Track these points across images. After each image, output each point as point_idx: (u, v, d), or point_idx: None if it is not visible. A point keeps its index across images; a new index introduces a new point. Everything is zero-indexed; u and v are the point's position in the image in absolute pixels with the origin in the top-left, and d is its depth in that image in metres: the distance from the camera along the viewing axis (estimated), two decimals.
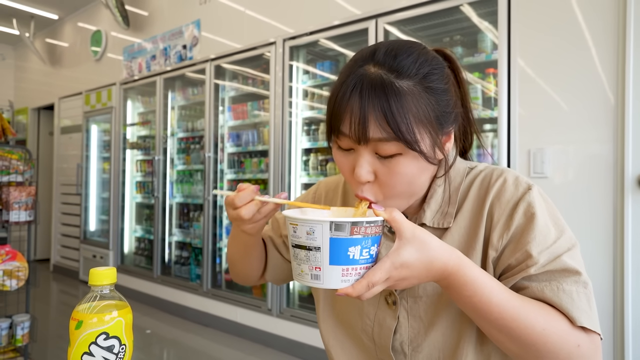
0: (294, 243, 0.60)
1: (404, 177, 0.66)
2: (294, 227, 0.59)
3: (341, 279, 0.58)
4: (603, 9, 2.06)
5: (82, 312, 0.59)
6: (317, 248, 0.57)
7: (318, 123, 3.36)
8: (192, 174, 4.36)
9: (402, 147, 0.64)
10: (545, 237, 0.67)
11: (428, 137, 0.65)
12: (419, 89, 0.64)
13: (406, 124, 0.62)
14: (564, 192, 2.16)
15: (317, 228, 0.57)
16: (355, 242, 0.57)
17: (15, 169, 2.83)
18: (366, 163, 0.66)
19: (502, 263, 0.69)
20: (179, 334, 3.73)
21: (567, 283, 0.64)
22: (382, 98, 0.62)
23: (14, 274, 2.59)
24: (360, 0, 2.94)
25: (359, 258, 0.58)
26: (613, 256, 2.03)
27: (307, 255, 0.58)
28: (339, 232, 0.56)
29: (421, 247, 0.58)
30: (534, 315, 0.61)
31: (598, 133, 2.07)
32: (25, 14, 5.95)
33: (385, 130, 0.62)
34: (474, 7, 2.51)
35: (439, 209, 0.75)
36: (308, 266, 0.59)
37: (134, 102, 5.08)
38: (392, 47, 0.67)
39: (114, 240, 5.04)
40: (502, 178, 0.73)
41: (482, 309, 0.61)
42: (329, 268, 0.58)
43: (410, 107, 0.63)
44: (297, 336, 3.18)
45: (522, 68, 2.27)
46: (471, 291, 0.61)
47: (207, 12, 4.03)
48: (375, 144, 0.64)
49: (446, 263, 0.60)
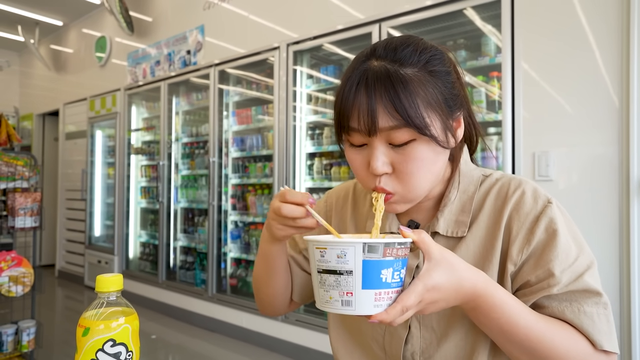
0: (321, 268, 0.57)
1: (420, 162, 0.65)
2: (321, 251, 0.56)
3: (374, 304, 0.55)
4: (606, 12, 2.05)
5: (89, 319, 0.59)
6: (348, 272, 0.55)
7: (322, 127, 3.37)
8: (197, 178, 4.36)
9: (414, 133, 0.63)
10: (567, 255, 0.66)
11: (438, 121, 0.65)
12: (423, 73, 0.64)
13: (415, 109, 0.62)
14: (569, 195, 2.14)
15: (349, 250, 0.54)
16: (388, 264, 0.55)
17: (20, 175, 2.84)
18: (381, 154, 0.65)
19: (520, 278, 0.69)
20: (184, 339, 3.73)
21: (588, 305, 0.64)
22: (389, 86, 0.62)
23: (20, 280, 2.60)
24: (364, 5, 2.95)
25: (391, 281, 0.56)
26: (619, 259, 2.01)
27: (338, 280, 0.55)
28: (372, 254, 0.54)
29: (450, 268, 0.57)
30: (558, 338, 0.62)
31: (603, 136, 2.06)
32: (31, 20, 6.00)
33: (394, 117, 0.62)
34: (477, 10, 2.51)
35: (452, 217, 0.74)
36: (338, 292, 0.56)
37: (139, 107, 5.11)
38: (390, 41, 0.68)
39: (119, 245, 5.05)
40: (521, 190, 0.71)
41: (508, 330, 0.61)
42: (362, 293, 0.55)
43: (417, 92, 0.62)
44: (302, 341, 3.17)
45: (526, 71, 2.26)
46: (499, 313, 0.60)
47: (211, 18, 4.05)
48: (387, 134, 0.64)
49: (475, 285, 0.59)
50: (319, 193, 3.40)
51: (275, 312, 0.90)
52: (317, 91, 3.40)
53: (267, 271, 0.82)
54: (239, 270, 3.89)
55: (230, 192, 3.98)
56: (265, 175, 3.66)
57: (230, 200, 3.95)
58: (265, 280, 0.84)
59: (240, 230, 3.91)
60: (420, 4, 2.63)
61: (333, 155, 3.40)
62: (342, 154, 3.32)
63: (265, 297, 0.87)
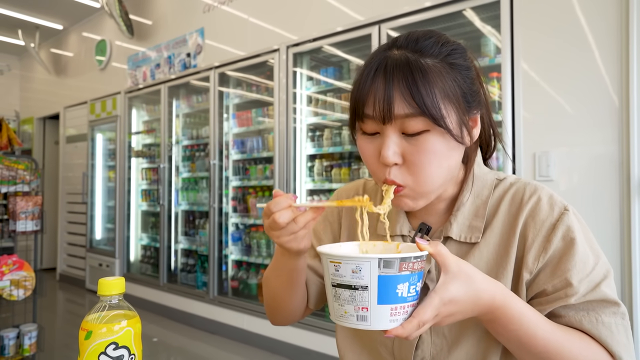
0: (335, 282, 0.56)
1: (432, 155, 0.63)
2: (335, 265, 0.55)
3: (390, 319, 0.55)
4: (605, 12, 2.05)
5: (91, 322, 0.59)
6: (364, 287, 0.54)
7: (322, 129, 3.37)
8: (197, 181, 4.37)
9: (429, 123, 0.62)
10: (585, 264, 0.65)
11: (455, 114, 0.64)
12: (444, 64, 0.63)
13: (432, 98, 0.60)
14: (570, 195, 2.14)
15: (364, 266, 0.53)
16: (404, 279, 0.54)
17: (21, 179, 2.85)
18: (393, 143, 0.63)
19: (536, 286, 0.67)
20: (185, 341, 3.72)
21: (606, 315, 0.64)
22: (408, 74, 0.61)
23: (21, 283, 2.60)
24: (363, 7, 2.95)
25: (407, 295, 0.55)
26: (620, 259, 2.01)
27: (353, 295, 0.54)
28: (387, 269, 0.53)
29: (468, 280, 0.56)
30: (576, 348, 0.61)
31: (603, 135, 2.06)
32: (31, 24, 6.01)
33: (410, 105, 0.61)
34: (476, 11, 2.52)
35: (466, 222, 0.72)
36: (353, 307, 0.55)
37: (139, 110, 5.11)
38: (412, 33, 0.67)
39: (120, 248, 5.05)
40: (536, 196, 0.70)
41: (527, 342, 0.60)
42: (377, 308, 0.54)
43: (436, 82, 0.61)
44: (304, 343, 3.17)
45: (526, 71, 2.26)
46: (517, 324, 0.60)
47: (211, 21, 4.06)
48: (401, 122, 0.62)
49: (493, 296, 0.58)
50: (320, 195, 3.41)
51: (291, 322, 0.88)
52: (317, 93, 3.40)
53: (288, 286, 0.78)
54: (240, 273, 3.89)
55: (231, 194, 3.98)
56: (265, 177, 3.66)
57: (231, 202, 3.95)
58: (286, 295, 0.80)
59: (241, 233, 3.91)
60: (420, 5, 2.63)
61: (333, 157, 3.40)
62: (342, 156, 3.34)
63: (283, 310, 0.84)
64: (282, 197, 0.63)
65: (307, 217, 0.63)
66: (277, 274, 0.77)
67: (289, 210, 0.62)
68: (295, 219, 0.63)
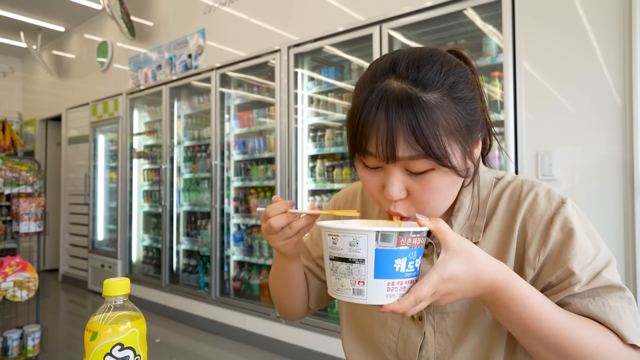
0: (333, 256, 0.56)
1: (438, 191, 0.64)
2: (333, 238, 0.55)
3: (386, 294, 0.54)
4: (608, 11, 2.05)
5: (96, 323, 0.59)
6: (361, 260, 0.53)
7: (324, 129, 3.37)
8: (199, 182, 4.37)
9: (433, 163, 0.61)
10: (585, 253, 0.65)
11: (459, 149, 0.62)
12: (447, 100, 0.61)
13: (437, 139, 0.59)
14: (573, 194, 2.14)
15: (361, 238, 0.53)
16: (402, 254, 0.54)
17: (24, 180, 2.85)
18: (397, 181, 0.63)
19: (541, 281, 0.67)
20: (188, 342, 3.73)
21: (612, 299, 0.63)
22: (410, 114, 0.58)
23: (25, 284, 2.61)
24: (364, 7, 2.95)
25: (404, 271, 0.54)
26: (625, 259, 2.01)
27: (349, 268, 0.54)
28: (385, 243, 0.53)
29: (469, 259, 0.56)
30: (585, 333, 0.59)
31: (606, 134, 2.05)
32: (33, 26, 6.02)
33: (414, 148, 0.59)
34: (477, 11, 2.52)
35: (466, 222, 0.73)
36: (350, 280, 0.54)
37: (141, 111, 5.12)
38: (412, 57, 0.63)
39: (122, 249, 5.06)
40: (534, 192, 0.71)
41: (531, 325, 0.59)
42: (374, 282, 0.54)
43: (440, 121, 0.59)
44: (306, 343, 3.17)
45: (528, 71, 2.26)
46: (520, 306, 0.58)
47: (212, 22, 4.06)
48: (405, 162, 0.61)
49: (494, 277, 0.57)
50: (322, 195, 3.41)
51: (297, 318, 0.93)
52: (319, 93, 3.40)
53: (286, 286, 0.84)
54: (242, 273, 3.89)
55: (233, 195, 3.98)
56: (267, 177, 3.66)
57: (233, 203, 3.95)
58: (285, 294, 0.86)
59: (243, 233, 3.92)
60: (421, 5, 2.63)
61: (335, 157, 3.40)
62: (344, 156, 3.34)
63: (287, 308, 0.90)
64: (279, 203, 0.67)
65: (301, 223, 0.67)
66: (277, 275, 0.84)
67: (284, 216, 0.66)
68: (290, 225, 0.67)
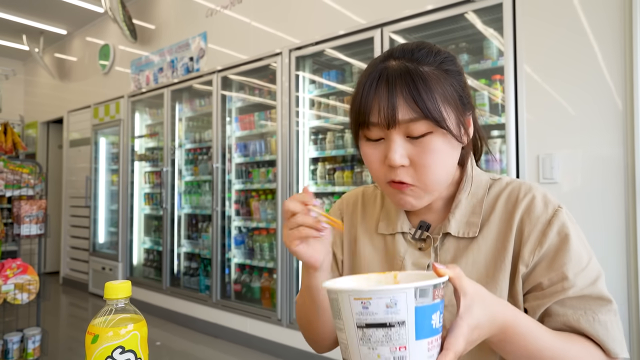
0: (363, 323, 0.48)
1: (437, 155, 0.68)
2: (363, 302, 0.48)
3: (427, 355, 0.49)
4: (609, 15, 2.05)
5: (97, 326, 0.59)
6: (400, 323, 0.47)
7: (325, 132, 3.37)
8: (200, 184, 4.37)
9: (431, 126, 0.66)
10: (580, 259, 0.68)
11: (454, 116, 0.68)
12: (440, 72, 0.68)
13: (433, 102, 0.65)
14: (574, 197, 2.14)
15: (400, 298, 0.47)
16: (436, 308, 0.50)
17: (26, 182, 2.86)
18: (399, 147, 0.67)
19: (532, 280, 0.70)
20: (188, 345, 3.72)
21: (602, 313, 0.67)
22: (409, 81, 0.66)
23: (25, 287, 2.60)
24: (365, 10, 2.96)
25: (438, 326, 0.50)
26: (626, 262, 2.00)
27: (388, 334, 0.48)
28: (423, 299, 0.48)
29: (485, 302, 0.55)
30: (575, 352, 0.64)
31: (607, 137, 2.05)
32: (35, 29, 6.05)
33: (414, 110, 0.65)
34: (478, 14, 2.52)
35: (463, 219, 0.76)
36: (389, 348, 0.48)
37: (142, 114, 5.13)
38: (405, 45, 0.72)
39: (123, 252, 5.06)
40: (531, 194, 0.74)
41: (535, 355, 0.62)
42: (416, 344, 0.48)
43: (435, 88, 0.66)
44: (307, 347, 3.16)
45: (529, 74, 2.26)
46: (526, 341, 0.60)
47: (214, 25, 4.07)
48: (405, 126, 0.66)
49: (505, 316, 0.58)
50: (323, 198, 3.40)
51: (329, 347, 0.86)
52: (320, 96, 3.40)
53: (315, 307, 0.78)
54: (243, 276, 3.89)
55: (234, 197, 3.98)
56: (268, 180, 3.66)
57: (234, 205, 3.95)
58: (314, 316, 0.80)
59: (244, 236, 3.91)
60: (422, 9, 2.64)
61: (336, 159, 3.40)
62: (345, 159, 3.34)
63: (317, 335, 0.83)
64: (302, 194, 0.68)
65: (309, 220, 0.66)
66: (303, 295, 0.79)
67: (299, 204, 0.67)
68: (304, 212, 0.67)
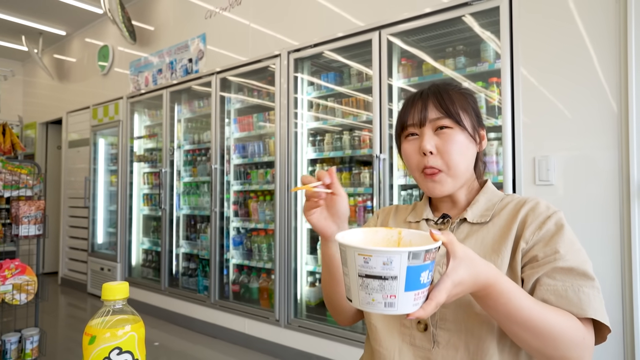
0: (364, 273, 0.61)
1: (457, 145, 0.90)
2: (365, 257, 0.60)
3: (413, 303, 0.62)
4: (604, 18, 2.07)
5: (95, 327, 0.60)
6: (393, 277, 0.60)
7: (323, 134, 3.38)
8: (199, 185, 4.38)
9: (452, 123, 0.91)
10: (572, 244, 0.83)
11: (469, 122, 0.93)
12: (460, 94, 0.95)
13: (454, 107, 0.91)
14: (569, 199, 2.15)
15: (395, 258, 0.59)
16: (426, 268, 0.61)
17: (24, 183, 2.86)
18: (429, 137, 0.91)
19: (530, 254, 0.85)
20: (187, 345, 3.73)
21: (587, 287, 0.79)
22: (438, 95, 0.93)
23: (24, 287, 2.61)
24: (364, 12, 2.97)
25: (426, 281, 0.62)
26: (621, 264, 2.01)
27: (382, 284, 0.60)
28: (415, 260, 0.59)
29: (471, 263, 0.67)
30: (554, 315, 0.75)
31: (602, 140, 2.07)
32: (34, 30, 6.05)
33: (439, 111, 0.91)
34: (476, 17, 2.53)
35: (478, 212, 0.95)
36: (382, 295, 0.61)
37: (141, 115, 5.13)
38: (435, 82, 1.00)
39: (122, 252, 5.06)
40: (536, 200, 0.91)
41: (514, 313, 0.72)
42: (404, 295, 0.61)
43: (457, 100, 0.92)
44: (305, 347, 3.17)
45: (525, 77, 2.28)
46: (506, 298, 0.71)
47: (213, 26, 4.08)
48: (433, 123, 0.91)
49: (488, 275, 0.70)
50: None
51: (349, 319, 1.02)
52: (318, 98, 3.42)
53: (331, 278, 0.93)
54: (241, 277, 3.90)
55: (232, 198, 3.99)
56: (267, 181, 3.67)
57: (232, 206, 3.96)
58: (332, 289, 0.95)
59: (242, 237, 3.92)
60: (419, 11, 2.65)
61: (334, 161, 3.41)
62: (343, 161, 3.35)
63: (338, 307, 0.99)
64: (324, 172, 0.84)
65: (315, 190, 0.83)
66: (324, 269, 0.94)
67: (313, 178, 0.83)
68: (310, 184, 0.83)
